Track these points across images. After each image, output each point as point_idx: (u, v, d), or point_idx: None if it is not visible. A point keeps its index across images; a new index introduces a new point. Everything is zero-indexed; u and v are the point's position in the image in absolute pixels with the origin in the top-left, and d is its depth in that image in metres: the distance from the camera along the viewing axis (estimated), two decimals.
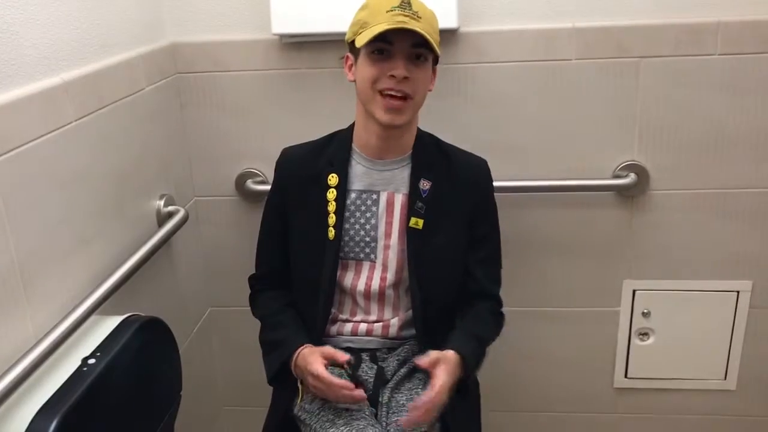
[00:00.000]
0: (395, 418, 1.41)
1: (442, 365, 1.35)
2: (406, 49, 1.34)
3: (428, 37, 1.31)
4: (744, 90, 1.71)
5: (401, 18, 1.31)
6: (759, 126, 1.73)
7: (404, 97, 1.35)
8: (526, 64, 1.73)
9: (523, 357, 1.99)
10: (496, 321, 1.56)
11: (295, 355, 1.45)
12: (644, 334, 1.93)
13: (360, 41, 1.34)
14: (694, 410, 2.00)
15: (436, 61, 1.42)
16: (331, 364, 1.41)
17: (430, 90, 1.43)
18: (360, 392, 1.35)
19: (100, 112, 1.40)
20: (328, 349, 1.41)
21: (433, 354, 1.36)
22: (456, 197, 1.49)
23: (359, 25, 1.36)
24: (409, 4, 1.34)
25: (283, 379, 1.49)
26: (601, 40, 1.70)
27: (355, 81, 1.42)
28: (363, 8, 1.39)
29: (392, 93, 1.35)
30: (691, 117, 1.74)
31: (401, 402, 1.44)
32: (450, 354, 1.38)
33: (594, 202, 1.83)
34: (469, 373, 1.42)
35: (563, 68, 1.73)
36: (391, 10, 1.32)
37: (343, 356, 1.39)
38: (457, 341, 1.42)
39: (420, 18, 1.33)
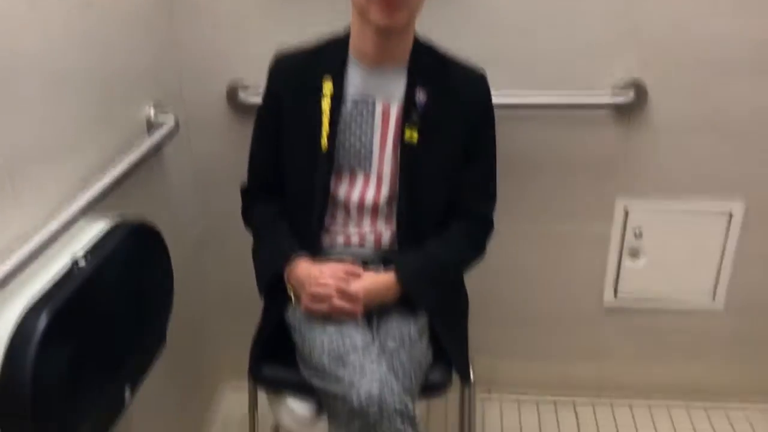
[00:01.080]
0: (384, 326, 1.43)
1: (362, 278, 1.42)
2: None
3: None
4: (745, 7, 1.66)
5: None
6: (759, 44, 1.70)
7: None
8: None
9: (514, 273, 2.00)
10: (470, 242, 1.55)
11: (289, 265, 1.45)
12: (635, 254, 1.94)
13: None
14: (682, 330, 2.04)
15: None
16: None
17: None
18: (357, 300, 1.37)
19: (88, 12, 1.35)
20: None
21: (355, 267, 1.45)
22: (453, 109, 1.47)
23: None
24: None
25: (276, 289, 1.50)
26: None
27: None
28: None
29: None
30: (691, 34, 1.70)
31: (393, 309, 1.46)
32: (388, 273, 1.45)
33: (591, 119, 1.80)
34: (411, 290, 1.45)
35: None
36: None
37: (353, 267, 1.43)
38: (401, 260, 1.47)
39: None
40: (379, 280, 1.44)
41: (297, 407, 1.45)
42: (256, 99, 1.76)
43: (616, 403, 2.13)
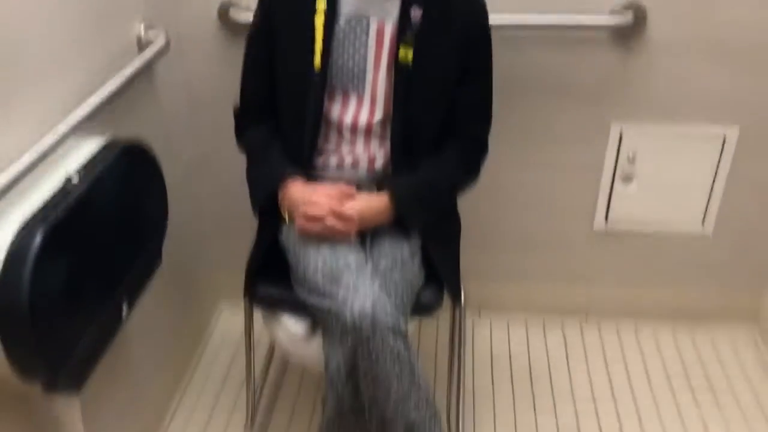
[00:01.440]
0: (378, 248, 1.45)
1: (356, 200, 1.43)
2: None
3: None
4: None
5: None
6: None
7: None
8: None
9: (505, 198, 2.01)
10: (464, 165, 1.55)
11: (283, 185, 1.46)
12: (628, 178, 1.95)
13: None
14: (670, 255, 2.06)
15: None
16: None
17: None
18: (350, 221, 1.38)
19: None
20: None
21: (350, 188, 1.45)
22: (449, 29, 1.44)
23: None
24: None
25: (270, 210, 1.51)
26: None
27: None
28: None
29: None
30: None
31: (386, 231, 1.47)
32: (382, 195, 1.45)
33: (588, 42, 1.78)
34: (405, 213, 1.45)
35: None
36: None
37: (347, 188, 1.43)
38: (395, 183, 1.47)
39: None
40: (372, 202, 1.45)
41: (292, 325, 1.48)
42: (248, 17, 1.73)
43: (603, 325, 2.18)
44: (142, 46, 1.59)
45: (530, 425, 1.85)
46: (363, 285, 1.28)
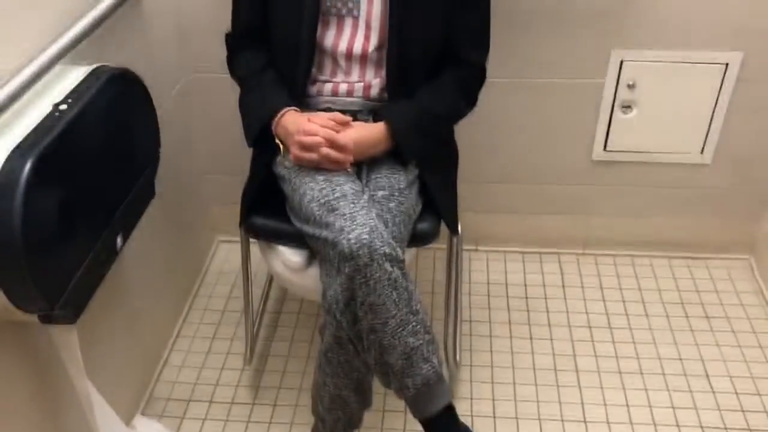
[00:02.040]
0: (374, 176, 1.43)
1: (351, 130, 1.41)
2: None
3: None
4: None
5: None
6: None
7: None
8: None
9: (504, 127, 1.98)
10: (462, 92, 1.52)
11: (279, 114, 1.43)
12: (627, 107, 1.92)
13: None
14: (668, 184, 2.05)
15: None
16: None
17: None
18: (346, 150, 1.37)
19: None
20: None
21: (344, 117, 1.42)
22: None
23: None
24: None
25: (264, 141, 1.49)
26: None
27: None
28: None
29: None
30: None
31: (383, 161, 1.45)
32: (379, 124, 1.44)
33: None
34: (401, 142, 1.44)
35: None
36: None
37: (343, 117, 1.41)
38: (393, 111, 1.45)
39: None
40: (369, 131, 1.43)
41: (289, 255, 1.47)
42: None
43: (600, 256, 2.18)
44: None
45: (526, 352, 1.87)
46: (359, 214, 1.27)
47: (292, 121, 1.42)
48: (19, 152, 1.02)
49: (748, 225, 2.11)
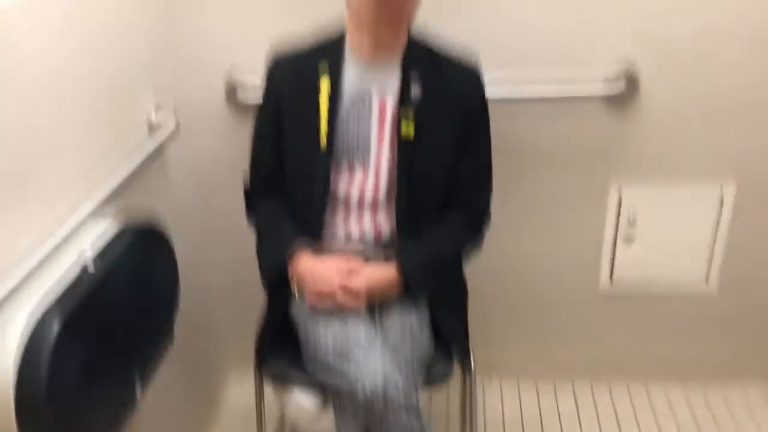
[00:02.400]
0: (387, 320, 1.47)
1: (362, 272, 1.44)
2: None
3: None
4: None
5: None
6: (748, 27, 1.72)
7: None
8: None
9: (510, 261, 2.03)
10: (471, 232, 1.59)
11: (294, 260, 1.48)
12: (629, 239, 1.97)
13: None
14: (677, 313, 2.07)
15: None
16: None
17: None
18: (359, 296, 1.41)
19: (86, 14, 1.37)
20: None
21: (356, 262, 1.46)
22: (447, 103, 1.49)
23: None
24: None
25: (280, 285, 1.53)
26: None
27: None
28: None
29: None
30: (681, 21, 1.72)
31: (395, 302, 1.49)
32: (389, 266, 1.47)
33: (583, 107, 1.83)
34: (412, 284, 1.48)
35: None
36: None
37: (355, 262, 1.45)
38: (403, 253, 1.49)
39: None
40: (380, 275, 1.48)
41: (303, 400, 1.48)
42: (255, 96, 1.78)
43: (614, 385, 2.17)
44: (152, 128, 1.64)
45: None
46: (373, 361, 1.30)
47: (307, 265, 1.47)
48: (47, 315, 1.07)
49: (762, 351, 2.11)
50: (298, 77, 1.50)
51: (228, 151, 1.91)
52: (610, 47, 1.76)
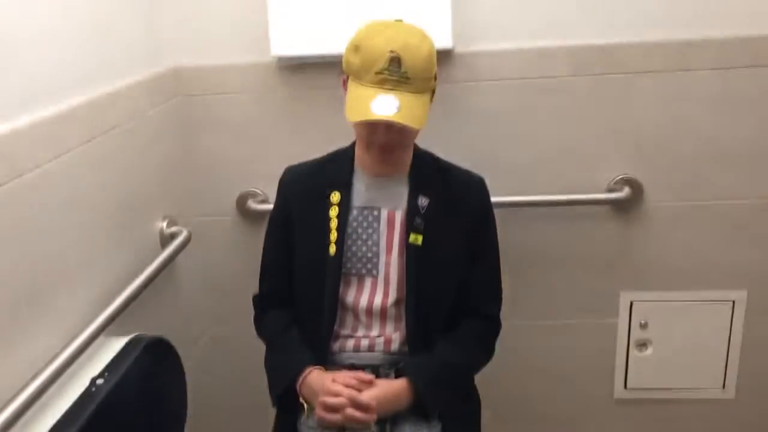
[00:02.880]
0: None
1: (373, 388, 1.42)
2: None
3: (410, 124, 1.33)
4: (734, 104, 1.74)
5: (389, 85, 1.33)
6: (749, 139, 1.77)
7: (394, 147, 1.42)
8: (520, 82, 1.77)
9: (523, 369, 2.01)
10: (480, 344, 1.58)
11: (303, 375, 1.47)
12: (642, 345, 1.95)
13: (348, 113, 1.36)
14: (694, 420, 2.02)
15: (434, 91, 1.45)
16: None
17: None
18: (370, 410, 1.39)
19: (104, 136, 1.42)
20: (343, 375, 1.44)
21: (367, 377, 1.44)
22: (454, 214, 1.52)
23: (351, 71, 1.38)
24: (399, 63, 1.32)
25: (289, 400, 1.51)
26: (594, 57, 1.74)
27: None
28: (355, 50, 1.38)
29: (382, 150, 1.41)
30: (684, 131, 1.78)
31: (406, 417, 1.47)
32: (400, 380, 1.46)
33: (589, 216, 1.85)
34: (423, 397, 1.45)
35: (557, 85, 1.76)
36: (380, 72, 1.33)
37: (365, 376, 1.44)
38: (413, 367, 1.48)
39: (409, 79, 1.33)
40: (392, 388, 1.45)
41: None
42: (265, 207, 1.83)
43: None
44: (164, 240, 1.67)
45: None
46: None
47: (316, 380, 1.45)
48: (55, 430, 1.06)
49: None
50: (309, 189, 1.53)
51: (238, 261, 1.94)
52: (613, 157, 1.81)
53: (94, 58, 1.43)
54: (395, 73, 1.33)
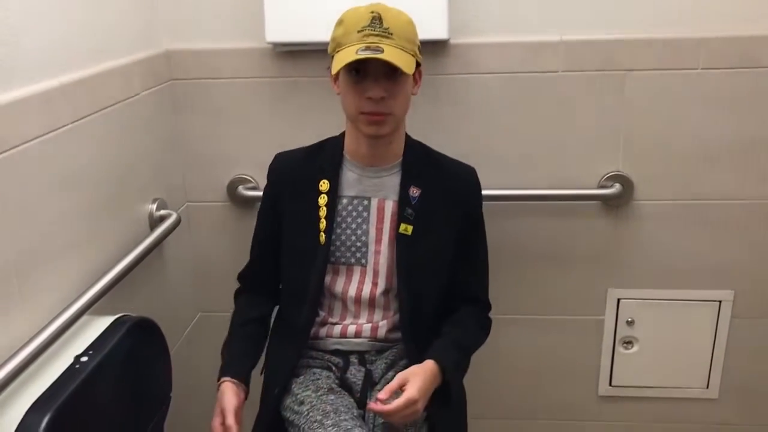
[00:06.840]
0: (381, 421, 1.44)
1: (412, 380, 1.36)
2: (380, 68, 1.35)
3: (397, 63, 1.32)
4: (725, 103, 1.75)
5: (372, 39, 1.33)
6: (739, 138, 1.78)
7: (385, 114, 1.39)
8: (514, 75, 1.77)
9: (509, 365, 2.02)
10: (481, 327, 1.59)
11: (221, 381, 1.46)
12: (628, 343, 1.96)
13: (334, 66, 1.36)
14: (677, 419, 2.03)
15: (420, 63, 1.44)
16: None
17: (414, 94, 1.45)
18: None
19: (95, 115, 1.42)
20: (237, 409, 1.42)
21: (399, 376, 1.38)
22: (445, 205, 1.52)
23: (335, 43, 1.39)
24: (380, 20, 1.34)
25: (272, 382, 1.53)
26: (588, 53, 1.74)
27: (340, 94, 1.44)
28: (339, 24, 1.40)
29: (372, 113, 1.38)
30: (675, 129, 1.78)
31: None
32: (429, 363, 1.41)
33: (579, 212, 1.86)
34: (450, 381, 1.43)
35: (550, 80, 1.77)
36: (362, 30, 1.34)
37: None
38: (438, 350, 1.45)
39: (391, 34, 1.34)
40: (427, 375, 1.40)
41: None
42: (256, 193, 1.82)
43: None
44: (153, 224, 1.66)
45: None
46: None
47: (222, 394, 1.43)
48: (37, 407, 1.06)
49: None
50: (299, 177, 1.53)
51: (227, 246, 1.94)
52: (604, 154, 1.82)
53: (87, 37, 1.42)
54: (377, 27, 1.34)
